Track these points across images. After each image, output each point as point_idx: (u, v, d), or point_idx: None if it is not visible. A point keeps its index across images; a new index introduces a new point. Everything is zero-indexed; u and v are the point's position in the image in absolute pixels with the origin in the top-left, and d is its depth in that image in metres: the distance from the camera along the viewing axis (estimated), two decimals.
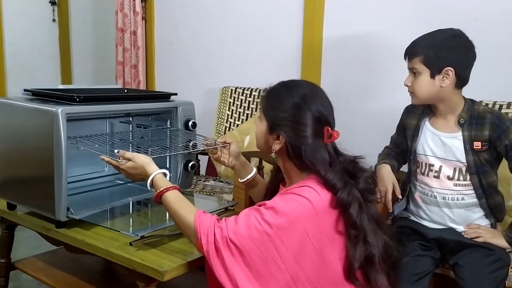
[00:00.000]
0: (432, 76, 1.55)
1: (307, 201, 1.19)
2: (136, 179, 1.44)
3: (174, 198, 1.30)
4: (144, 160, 1.38)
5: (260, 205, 1.21)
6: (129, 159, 1.40)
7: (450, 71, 1.53)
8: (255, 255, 1.15)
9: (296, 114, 1.27)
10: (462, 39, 1.55)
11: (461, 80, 1.56)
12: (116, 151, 1.44)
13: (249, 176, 1.60)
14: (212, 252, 1.18)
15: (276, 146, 1.31)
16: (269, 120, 1.32)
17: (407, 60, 1.61)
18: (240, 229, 1.16)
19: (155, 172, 1.35)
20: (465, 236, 1.61)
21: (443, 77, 1.54)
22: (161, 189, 1.32)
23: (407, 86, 1.62)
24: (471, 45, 1.55)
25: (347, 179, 1.25)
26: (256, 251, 1.15)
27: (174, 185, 1.33)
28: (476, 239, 1.58)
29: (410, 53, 1.59)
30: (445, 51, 1.53)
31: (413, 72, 1.59)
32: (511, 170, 1.59)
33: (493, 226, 1.64)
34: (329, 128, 1.28)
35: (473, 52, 1.56)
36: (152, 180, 1.35)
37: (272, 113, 1.32)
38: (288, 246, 1.16)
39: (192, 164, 1.83)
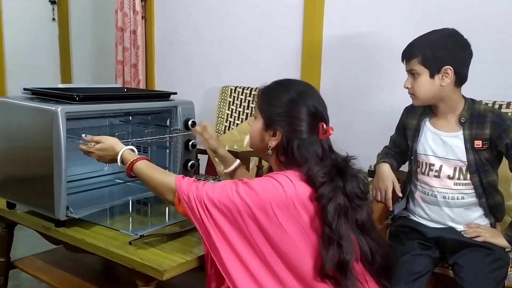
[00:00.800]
0: (432, 76, 1.55)
1: (279, 184, 1.22)
2: (106, 160, 1.48)
3: (145, 166, 1.38)
4: (112, 140, 1.45)
5: (239, 180, 1.27)
6: (97, 142, 1.47)
7: (449, 70, 1.54)
8: (223, 221, 1.23)
9: (292, 109, 1.30)
10: (458, 37, 1.56)
11: (460, 78, 1.57)
12: (83, 135, 1.49)
13: (233, 167, 1.66)
14: (193, 208, 1.25)
15: (273, 143, 1.33)
16: (265, 117, 1.34)
17: (404, 62, 1.62)
18: (214, 194, 1.24)
19: (123, 148, 1.42)
20: (465, 235, 1.61)
21: (442, 76, 1.55)
22: (131, 160, 1.38)
23: (407, 88, 1.62)
24: (467, 43, 1.57)
25: (334, 176, 1.26)
26: (224, 218, 1.23)
27: (143, 156, 1.41)
28: (476, 239, 1.58)
29: (408, 55, 1.60)
30: (442, 51, 1.54)
31: (412, 73, 1.59)
32: (511, 170, 1.59)
33: (492, 225, 1.64)
34: (324, 124, 1.30)
35: (470, 50, 1.57)
36: (121, 157, 1.41)
37: (268, 109, 1.34)
38: (255, 220, 1.21)
39: (191, 164, 1.83)
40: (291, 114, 1.30)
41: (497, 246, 1.57)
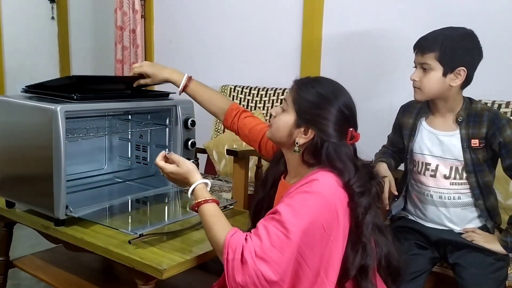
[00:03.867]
0: (445, 74, 1.52)
1: (319, 195, 1.17)
2: (177, 184, 1.41)
3: (210, 211, 1.26)
4: (189, 167, 1.35)
5: (274, 213, 1.18)
6: (174, 163, 1.38)
7: (463, 71, 1.51)
8: (282, 263, 1.12)
9: (331, 112, 1.25)
10: (475, 39, 1.53)
11: (468, 81, 1.55)
12: (166, 151, 1.40)
13: (183, 82, 1.67)
14: (238, 267, 1.13)
15: (301, 140, 1.27)
16: (300, 113, 1.27)
17: (417, 54, 1.56)
18: (264, 242, 1.13)
19: (197, 182, 1.32)
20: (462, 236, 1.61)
21: (454, 76, 1.53)
22: (200, 200, 1.28)
23: (413, 80, 1.57)
24: (481, 47, 1.54)
25: (369, 185, 1.24)
26: (283, 258, 1.12)
27: (213, 198, 1.29)
28: (473, 241, 1.58)
29: (424, 48, 1.53)
30: (461, 51, 1.51)
31: (424, 67, 1.54)
32: (504, 169, 1.58)
33: (491, 230, 1.63)
34: (353, 130, 1.27)
35: (482, 54, 1.55)
36: (193, 190, 1.32)
37: (304, 105, 1.27)
38: (312, 246, 1.15)
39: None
40: (328, 116, 1.24)
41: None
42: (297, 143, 1.27)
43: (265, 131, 1.54)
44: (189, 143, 1.82)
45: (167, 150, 1.41)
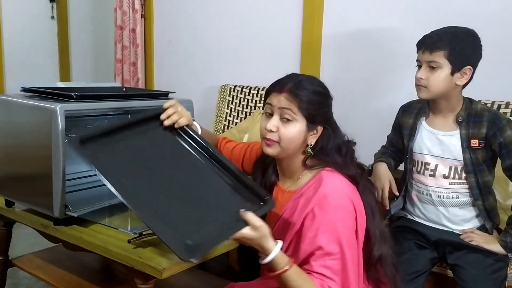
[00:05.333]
0: (452, 72, 1.52)
1: (338, 207, 1.23)
2: (248, 245, 1.23)
3: (294, 275, 1.20)
4: (265, 232, 1.19)
5: (317, 249, 1.22)
6: (248, 225, 1.19)
7: (469, 70, 1.52)
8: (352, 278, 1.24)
9: (329, 102, 1.35)
10: (479, 39, 1.54)
11: (470, 80, 1.56)
12: (242, 210, 1.21)
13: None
14: None
15: (313, 140, 1.32)
16: (310, 117, 1.29)
17: (425, 52, 1.54)
18: (336, 279, 1.21)
19: (276, 249, 1.19)
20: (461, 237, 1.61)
21: (460, 75, 1.53)
22: (284, 268, 1.19)
23: (420, 79, 1.56)
24: (482, 47, 1.56)
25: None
26: (349, 275, 1.23)
27: (290, 259, 1.22)
28: (470, 243, 1.58)
29: (433, 46, 1.52)
30: (469, 50, 1.52)
31: (431, 66, 1.53)
32: (503, 169, 1.59)
33: (489, 231, 1.64)
34: None
35: (482, 54, 1.57)
36: (272, 260, 1.20)
37: (312, 109, 1.29)
38: (352, 246, 1.25)
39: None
40: (329, 107, 1.34)
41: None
42: (310, 145, 1.32)
43: (245, 148, 1.60)
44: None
45: (241, 210, 1.22)
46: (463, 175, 1.60)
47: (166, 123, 1.47)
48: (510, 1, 2.07)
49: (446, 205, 1.63)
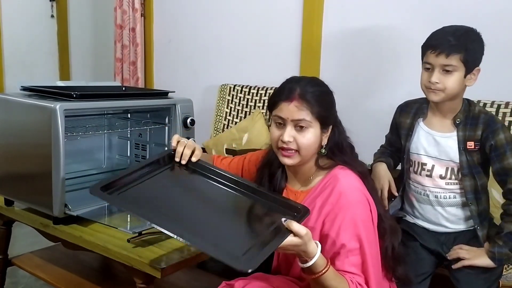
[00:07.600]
0: (466, 75, 1.51)
1: (356, 204, 1.27)
2: (290, 253, 1.21)
3: (333, 275, 1.21)
4: (309, 238, 1.17)
5: (341, 247, 1.25)
6: (293, 234, 1.16)
7: (477, 71, 1.52)
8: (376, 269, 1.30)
9: (334, 99, 1.38)
10: (483, 39, 1.53)
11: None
12: (283, 219, 1.19)
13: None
14: None
15: (325, 140, 1.35)
16: (323, 119, 1.31)
17: (440, 56, 1.49)
18: (360, 274, 1.26)
19: (318, 254, 1.18)
20: (449, 258, 1.59)
21: (470, 77, 1.52)
22: (322, 270, 1.19)
23: (435, 83, 1.51)
24: None
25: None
26: (374, 267, 1.28)
27: (326, 261, 1.21)
28: (460, 263, 1.55)
29: (450, 49, 1.47)
30: (480, 51, 1.51)
31: (446, 69, 1.49)
32: (493, 173, 1.57)
33: (481, 239, 1.61)
34: None
35: None
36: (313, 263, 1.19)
37: (324, 111, 1.31)
38: (372, 240, 1.29)
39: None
40: (334, 104, 1.38)
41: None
42: (324, 145, 1.35)
43: (242, 161, 1.62)
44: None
45: (283, 219, 1.19)
46: (460, 176, 1.60)
47: (184, 162, 1.45)
48: (510, 1, 2.07)
49: (444, 205, 1.63)
